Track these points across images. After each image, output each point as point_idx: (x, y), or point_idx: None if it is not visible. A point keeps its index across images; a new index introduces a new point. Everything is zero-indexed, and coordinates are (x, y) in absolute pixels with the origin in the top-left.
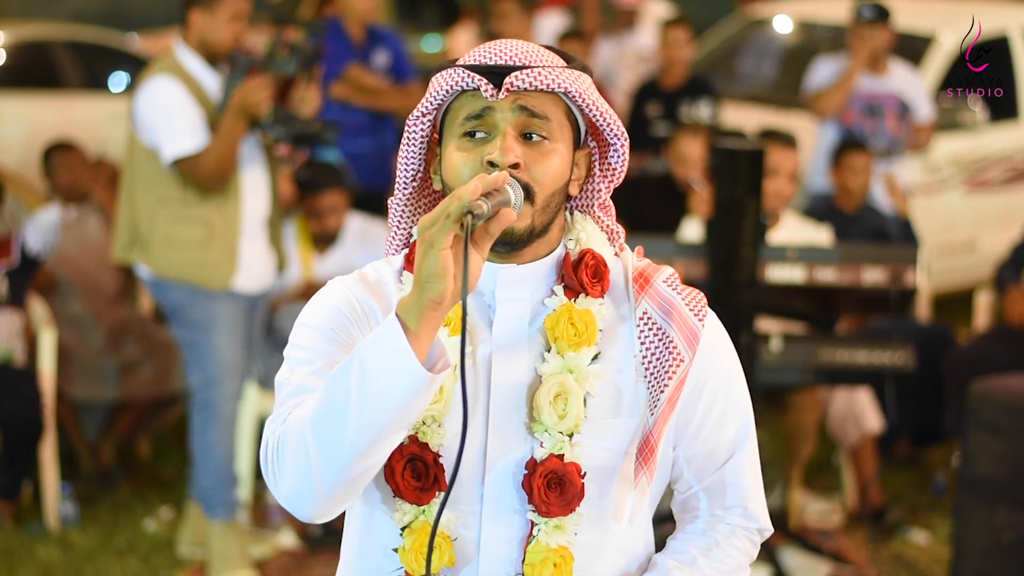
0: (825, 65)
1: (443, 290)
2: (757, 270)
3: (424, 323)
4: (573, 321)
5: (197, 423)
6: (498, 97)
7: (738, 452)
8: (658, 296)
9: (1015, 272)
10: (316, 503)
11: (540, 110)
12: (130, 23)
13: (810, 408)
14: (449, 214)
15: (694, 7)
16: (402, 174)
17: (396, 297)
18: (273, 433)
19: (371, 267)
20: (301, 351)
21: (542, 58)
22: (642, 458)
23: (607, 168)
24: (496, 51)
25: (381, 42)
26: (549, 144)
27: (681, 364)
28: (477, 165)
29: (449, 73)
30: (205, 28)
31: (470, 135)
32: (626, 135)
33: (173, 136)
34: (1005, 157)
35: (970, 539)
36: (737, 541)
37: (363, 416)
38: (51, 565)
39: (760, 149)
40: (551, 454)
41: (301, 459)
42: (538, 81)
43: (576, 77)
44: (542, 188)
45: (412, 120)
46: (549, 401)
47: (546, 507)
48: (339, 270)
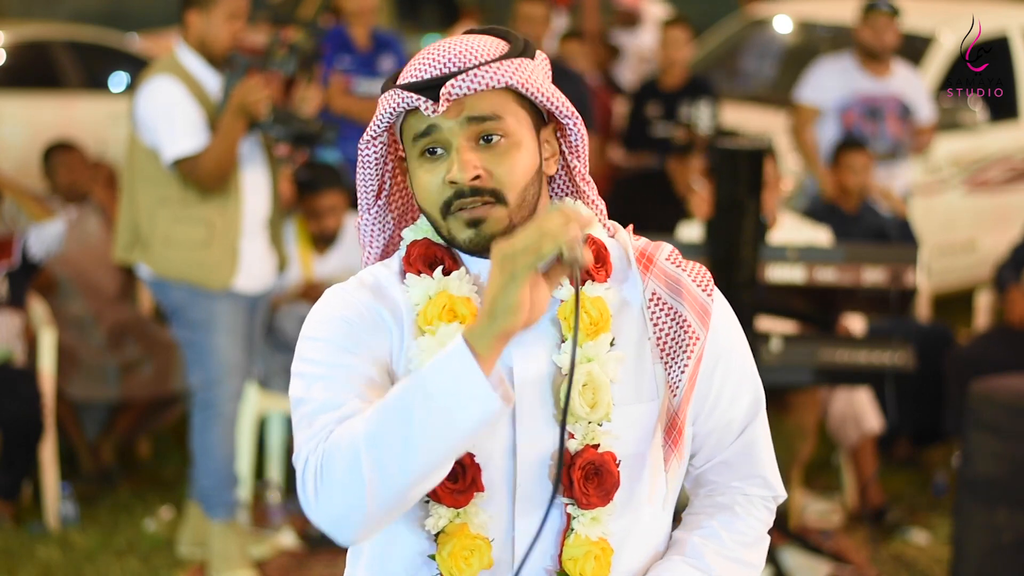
0: (827, 65)
1: (517, 322)
2: (757, 270)
3: (494, 352)
4: (586, 309)
5: (197, 423)
6: (439, 111)
7: (753, 422)
8: (664, 275)
9: (1015, 272)
10: (364, 524)
11: (489, 111)
12: (130, 23)
13: (810, 408)
14: (541, 252)
15: (694, 7)
16: (364, 196)
17: (401, 299)
18: (314, 451)
19: (367, 272)
20: (315, 366)
21: (477, 54)
22: (671, 440)
23: (571, 146)
24: (429, 61)
25: (387, 48)
26: (507, 141)
27: (697, 342)
28: (440, 185)
29: (389, 96)
30: (202, 28)
31: (429, 152)
32: (577, 114)
33: (173, 136)
34: (1005, 157)
35: (970, 539)
36: (756, 511)
37: (428, 442)
38: (51, 565)
39: (760, 149)
40: (587, 445)
41: (353, 479)
42: (475, 83)
43: (516, 66)
44: (512, 187)
45: (364, 144)
46: (578, 391)
47: (586, 499)
48: (339, 270)
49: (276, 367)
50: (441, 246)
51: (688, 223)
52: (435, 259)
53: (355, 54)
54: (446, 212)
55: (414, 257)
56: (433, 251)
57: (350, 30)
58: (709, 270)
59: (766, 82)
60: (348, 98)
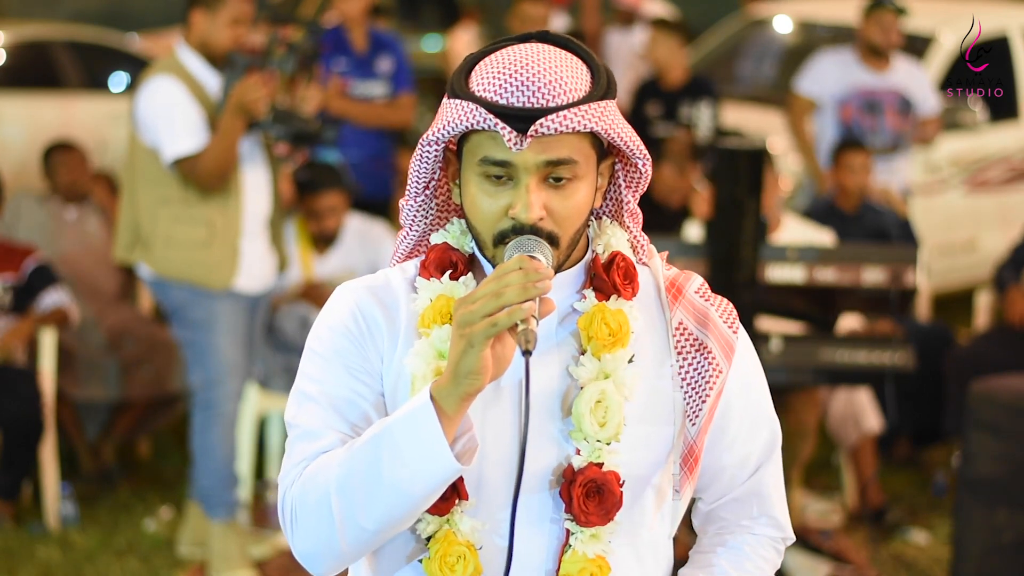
0: (828, 58)
1: (480, 384)
2: (757, 270)
3: (460, 410)
4: (607, 321)
5: (198, 423)
6: (523, 146)
7: (766, 462)
8: (692, 307)
9: (1015, 272)
10: (338, 559)
11: (566, 155)
12: (130, 23)
13: (810, 408)
14: (496, 323)
15: (694, 7)
16: (413, 185)
17: (406, 308)
18: (290, 487)
19: (383, 273)
20: (310, 383)
21: (567, 87)
22: (687, 468)
23: (631, 181)
24: (516, 84)
25: (384, 49)
26: (574, 183)
27: (720, 375)
28: (500, 213)
29: (467, 110)
30: (206, 29)
31: (495, 176)
32: (647, 155)
33: (173, 136)
34: (1005, 157)
35: (970, 539)
36: (764, 551)
37: (391, 496)
38: (51, 565)
39: (761, 149)
40: (590, 462)
41: (324, 523)
42: (564, 127)
43: (602, 110)
44: (568, 230)
45: (425, 143)
46: (590, 408)
47: (585, 516)
48: (339, 270)
49: (276, 367)
50: (458, 251)
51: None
52: (449, 263)
53: (352, 56)
54: (499, 241)
55: (429, 261)
56: (449, 255)
57: (347, 31)
58: (709, 270)
59: (766, 82)
60: (344, 101)
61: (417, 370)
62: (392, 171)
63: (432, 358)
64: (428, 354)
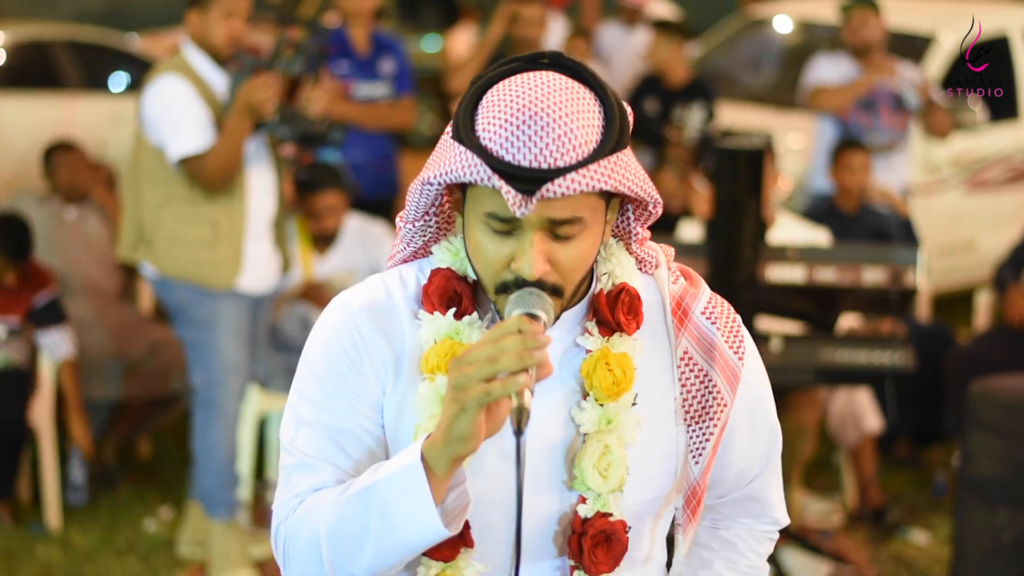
0: (825, 61)
1: (472, 449)
2: (757, 270)
3: (450, 471)
4: (611, 367)
5: (199, 423)
6: (527, 209)
7: (766, 468)
8: (698, 333)
9: (1015, 272)
10: None
11: (571, 214)
12: (130, 23)
13: (810, 408)
14: (490, 393)
15: (694, 7)
16: (411, 212)
17: (409, 336)
18: (284, 521)
19: (381, 283)
20: (308, 408)
21: (576, 142)
22: (690, 511)
23: (641, 216)
24: (528, 141)
25: (386, 50)
26: (579, 237)
27: (724, 409)
28: (503, 263)
29: (473, 164)
30: (201, 27)
31: (497, 229)
32: (659, 198)
33: (179, 135)
34: (1005, 157)
35: (970, 539)
36: (759, 546)
37: (378, 551)
38: (51, 565)
39: (761, 149)
40: (598, 512)
41: (314, 564)
42: (571, 189)
43: (613, 166)
44: (572, 281)
45: (424, 182)
46: (593, 463)
47: (595, 567)
48: (339, 271)
49: (277, 367)
50: (463, 281)
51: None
52: (454, 295)
53: (354, 58)
54: (501, 290)
55: (432, 290)
56: (453, 285)
57: (349, 33)
58: (709, 270)
59: (766, 82)
60: (347, 104)
61: (422, 420)
62: (396, 171)
63: (436, 406)
64: (432, 401)
